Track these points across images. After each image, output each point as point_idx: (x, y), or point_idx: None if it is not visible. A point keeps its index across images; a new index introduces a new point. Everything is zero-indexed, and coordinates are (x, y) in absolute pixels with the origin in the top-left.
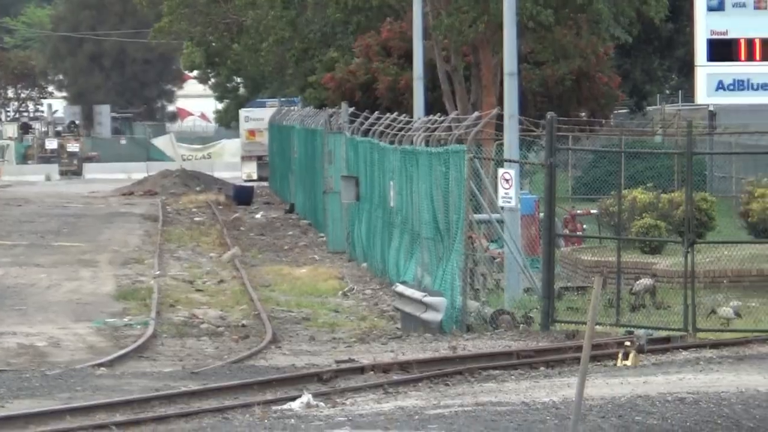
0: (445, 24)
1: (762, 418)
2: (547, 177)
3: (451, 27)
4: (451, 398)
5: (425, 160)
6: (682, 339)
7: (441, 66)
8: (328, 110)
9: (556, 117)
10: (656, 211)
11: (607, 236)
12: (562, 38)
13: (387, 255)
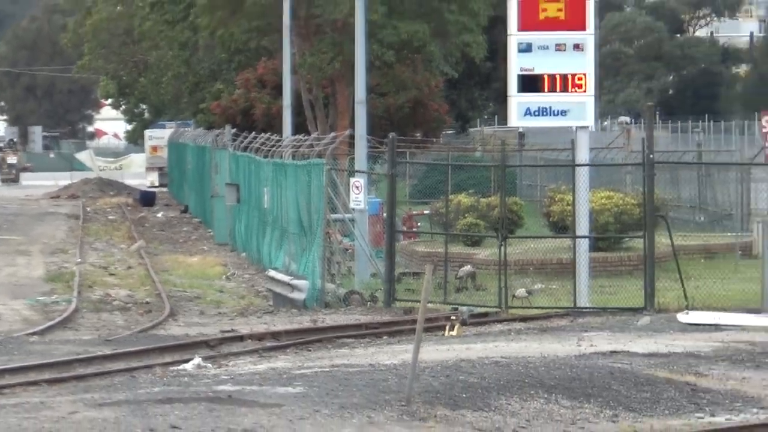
0: (308, 62)
1: (560, 377)
2: (389, 185)
3: (313, 65)
4: (312, 361)
5: (292, 171)
6: (497, 314)
7: (305, 96)
8: (215, 131)
9: (396, 137)
10: (476, 212)
11: (437, 232)
12: (402, 74)
13: (261, 246)
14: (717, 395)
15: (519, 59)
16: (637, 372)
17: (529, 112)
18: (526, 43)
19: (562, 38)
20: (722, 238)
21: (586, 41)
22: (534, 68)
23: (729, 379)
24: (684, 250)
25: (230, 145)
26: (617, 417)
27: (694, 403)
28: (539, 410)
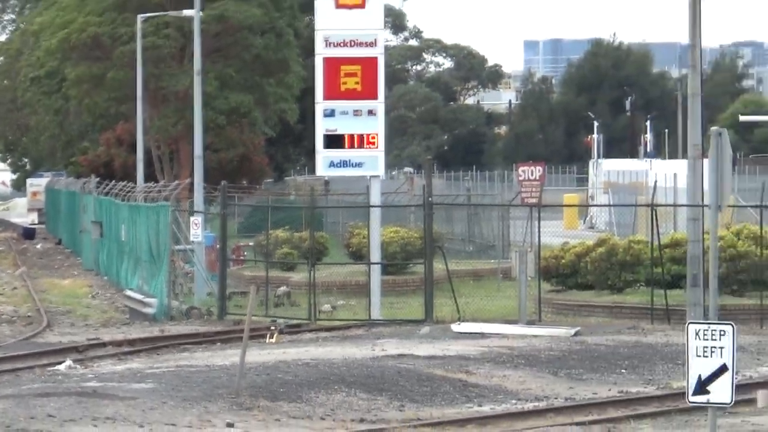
0: (157, 125)
1: (358, 375)
2: (221, 222)
3: (161, 127)
4: (161, 362)
5: (144, 211)
6: (308, 325)
7: (155, 151)
8: (83, 179)
9: (227, 184)
10: (291, 244)
11: (260, 260)
12: (231, 134)
13: (120, 271)
14: (483, 389)
15: (324, 122)
16: (420, 371)
17: (332, 164)
18: (330, 109)
19: (359, 105)
20: (487, 264)
21: (377, 108)
22: (337, 129)
23: (493, 377)
24: (456, 274)
25: (95, 191)
26: (404, 407)
27: (465, 395)
28: (341, 401)
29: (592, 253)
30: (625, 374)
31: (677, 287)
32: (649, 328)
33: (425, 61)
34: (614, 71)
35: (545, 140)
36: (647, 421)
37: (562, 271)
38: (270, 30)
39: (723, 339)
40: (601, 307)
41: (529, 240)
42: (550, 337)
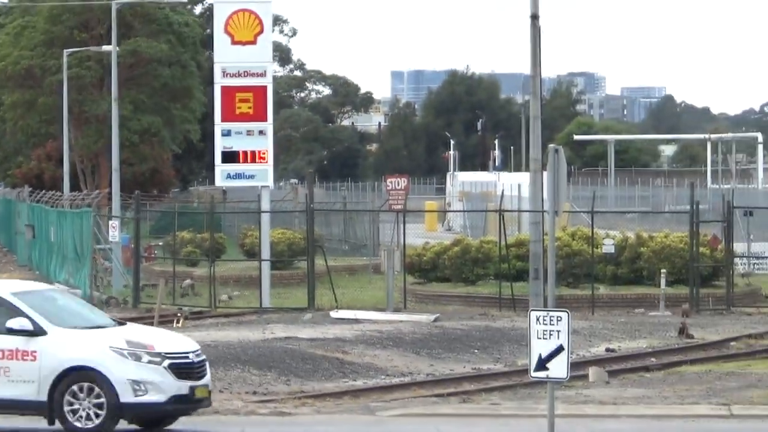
0: (80, 143)
1: (251, 355)
2: (135, 225)
3: (84, 145)
4: None
5: (70, 216)
6: (209, 312)
7: (79, 165)
8: (17, 189)
9: (140, 193)
10: (194, 244)
11: (168, 257)
12: (143, 151)
13: (50, 267)
14: (357, 366)
15: (222, 140)
16: (303, 351)
17: (229, 176)
18: (227, 130)
19: (251, 126)
20: (360, 260)
21: (267, 128)
22: (232, 146)
23: (365, 356)
24: (334, 269)
25: (28, 199)
26: (289, 381)
27: (342, 371)
28: (237, 377)
29: (449, 251)
30: (478, 354)
31: (521, 280)
32: (498, 315)
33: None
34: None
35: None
36: (496, 393)
37: (423, 266)
38: (176, 62)
39: (560, 324)
40: (457, 296)
41: (395, 240)
42: (413, 322)
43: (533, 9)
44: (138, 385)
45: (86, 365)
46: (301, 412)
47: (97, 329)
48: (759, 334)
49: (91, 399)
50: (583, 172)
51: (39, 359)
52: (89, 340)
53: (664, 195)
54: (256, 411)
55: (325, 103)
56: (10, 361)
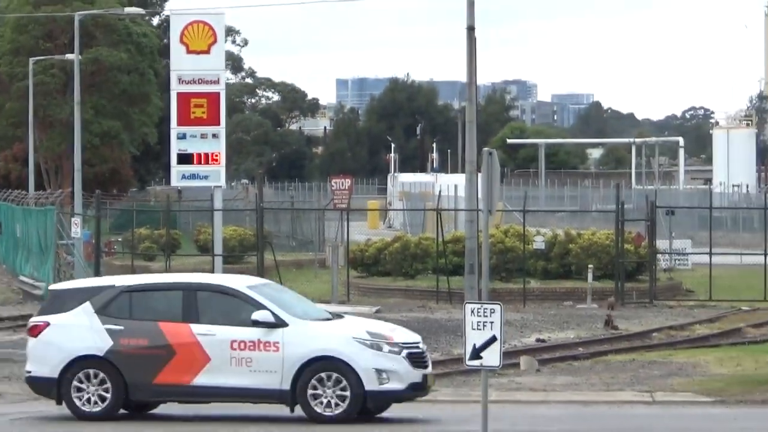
0: (45, 145)
1: None
2: (96, 222)
3: (48, 147)
4: None
5: (35, 213)
6: None
7: (43, 166)
8: None
9: (101, 193)
10: (151, 239)
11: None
12: (104, 152)
13: (16, 260)
14: None
15: (178, 143)
16: None
17: (184, 176)
18: (183, 133)
19: (205, 130)
20: (306, 256)
21: (220, 132)
22: (187, 149)
23: None
24: (282, 264)
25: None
26: None
27: None
28: None
29: (390, 248)
30: None
31: (457, 274)
32: (436, 307)
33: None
34: (408, 103)
35: (353, 158)
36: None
37: (366, 261)
38: (135, 70)
39: (493, 315)
40: (397, 290)
41: (340, 237)
42: (356, 313)
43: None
44: (381, 374)
45: (332, 355)
46: None
47: (329, 321)
48: (680, 326)
49: (334, 387)
50: (516, 173)
51: (282, 350)
52: (331, 331)
53: (592, 195)
54: None
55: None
56: (252, 352)
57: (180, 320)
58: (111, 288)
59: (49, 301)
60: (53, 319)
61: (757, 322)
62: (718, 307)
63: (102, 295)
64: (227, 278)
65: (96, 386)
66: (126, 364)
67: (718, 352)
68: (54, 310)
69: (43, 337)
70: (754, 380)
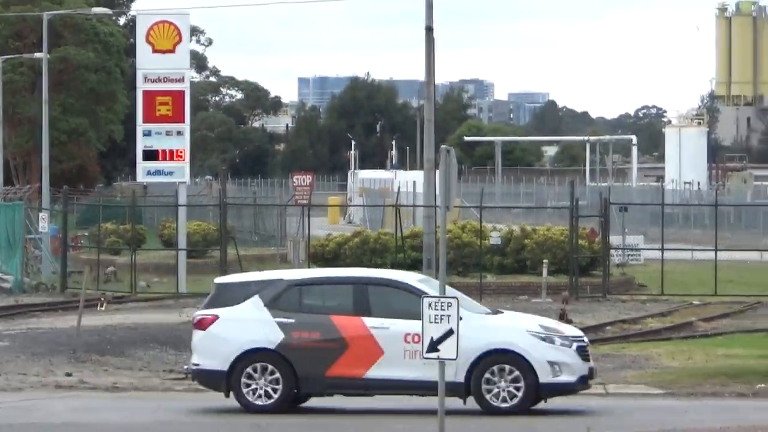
0: (14, 142)
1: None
2: (63, 217)
3: (17, 144)
4: (15, 326)
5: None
6: (129, 297)
7: (12, 162)
8: None
9: (68, 188)
10: (117, 234)
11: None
12: (71, 149)
13: None
14: None
15: (143, 140)
16: None
17: (149, 172)
18: (148, 130)
19: (170, 128)
20: (268, 250)
21: (184, 129)
22: (153, 146)
23: None
24: (245, 258)
25: None
26: None
27: None
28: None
29: (350, 242)
30: None
31: (415, 269)
32: None
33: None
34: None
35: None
36: None
37: (326, 255)
38: (102, 69)
39: (450, 309)
40: None
41: (301, 232)
42: None
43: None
44: (554, 367)
45: (508, 348)
46: None
47: (497, 315)
48: (632, 320)
49: (509, 380)
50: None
51: None
52: (505, 324)
53: (547, 192)
54: (172, 388)
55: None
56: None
57: (352, 314)
58: (279, 282)
59: (214, 294)
60: (222, 313)
61: (707, 316)
62: (669, 301)
63: (270, 289)
64: (396, 273)
65: (266, 379)
66: (298, 356)
67: (670, 345)
68: (221, 303)
69: (211, 330)
70: (705, 373)
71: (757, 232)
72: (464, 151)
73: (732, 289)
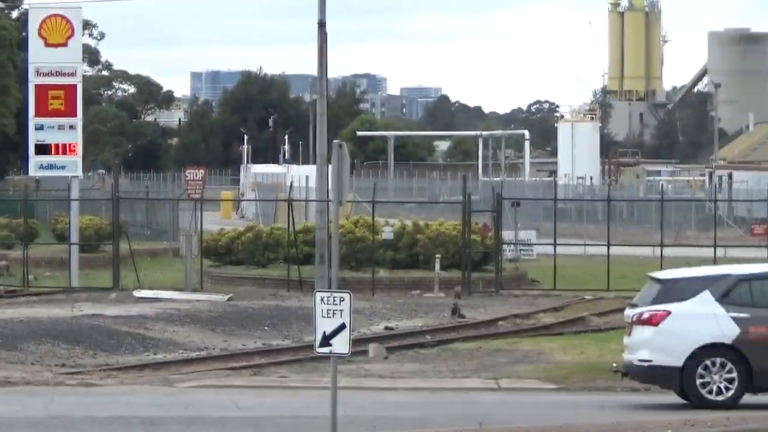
0: None
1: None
2: None
3: None
4: None
5: None
6: (22, 291)
7: None
8: None
9: None
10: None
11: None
12: None
13: None
14: (158, 341)
15: (36, 134)
16: (109, 327)
17: (42, 166)
18: (40, 124)
19: (62, 122)
20: (161, 245)
21: (77, 123)
22: (45, 140)
23: (165, 332)
24: (138, 252)
25: None
26: (96, 355)
27: (144, 346)
28: (48, 350)
29: (243, 237)
30: (268, 331)
31: (308, 263)
32: (287, 295)
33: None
34: (261, 96)
35: (207, 149)
36: (285, 367)
37: (219, 250)
38: None
39: (342, 304)
40: (249, 278)
41: (193, 226)
42: (209, 301)
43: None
44: None
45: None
46: (106, 383)
47: None
48: (525, 314)
49: (722, 373)
50: (366, 165)
51: None
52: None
53: (440, 187)
54: (64, 382)
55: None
56: None
57: None
58: (728, 276)
59: (664, 289)
60: (673, 308)
61: (600, 311)
62: (562, 296)
63: (720, 284)
64: None
65: (721, 375)
66: (754, 351)
67: (563, 340)
68: (672, 298)
69: (664, 326)
70: (598, 368)
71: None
72: (357, 146)
73: (625, 284)
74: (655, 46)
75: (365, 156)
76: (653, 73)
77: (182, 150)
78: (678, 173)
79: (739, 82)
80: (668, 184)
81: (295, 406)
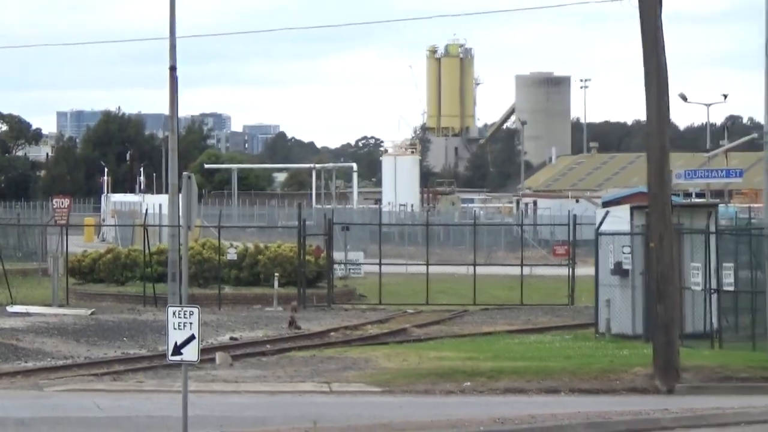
0: None
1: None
2: None
3: None
4: None
5: None
6: None
7: None
8: None
9: None
10: None
11: None
12: None
13: None
14: (29, 351)
15: None
16: None
17: None
18: None
19: None
20: (31, 265)
21: None
22: None
23: (35, 342)
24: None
25: None
26: None
27: (16, 355)
28: None
29: (104, 258)
30: (127, 341)
31: (162, 281)
32: (143, 310)
33: None
34: (119, 133)
35: (72, 180)
36: (141, 373)
37: (83, 270)
38: None
39: (192, 317)
40: (110, 295)
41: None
42: (74, 315)
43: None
44: None
45: None
46: None
47: None
48: (354, 326)
49: None
50: (212, 194)
51: None
52: None
53: (278, 213)
54: None
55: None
56: None
57: None
58: None
59: None
60: None
61: (420, 323)
62: (387, 309)
63: None
64: None
65: None
66: None
67: (387, 348)
68: None
69: None
70: (418, 373)
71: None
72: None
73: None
74: (469, 88)
75: (212, 186)
76: (467, 112)
77: (50, 181)
78: (489, 201)
79: (543, 120)
80: (480, 210)
81: (151, 408)
